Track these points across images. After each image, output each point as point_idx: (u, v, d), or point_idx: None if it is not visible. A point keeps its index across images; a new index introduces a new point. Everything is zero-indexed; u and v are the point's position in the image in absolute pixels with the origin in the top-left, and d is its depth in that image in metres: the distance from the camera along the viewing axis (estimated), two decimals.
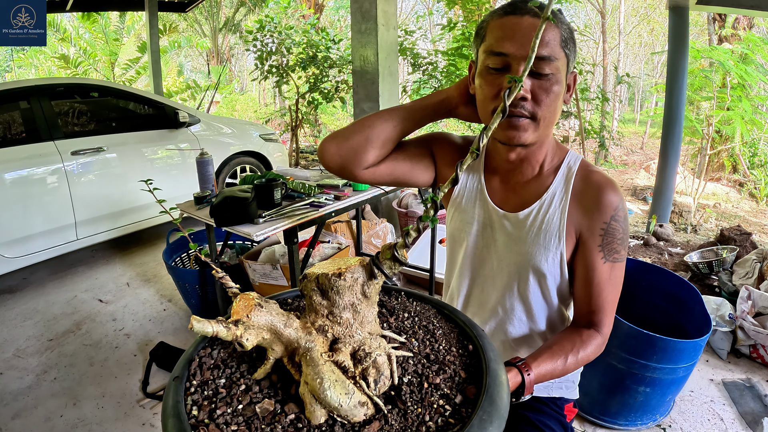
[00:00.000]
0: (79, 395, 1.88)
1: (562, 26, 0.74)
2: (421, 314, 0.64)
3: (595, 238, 0.81)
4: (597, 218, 0.81)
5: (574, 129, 6.75)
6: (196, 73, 14.68)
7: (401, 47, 5.06)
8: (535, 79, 0.73)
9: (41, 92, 2.77)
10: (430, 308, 0.66)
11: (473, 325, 0.60)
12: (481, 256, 0.93)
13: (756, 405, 1.78)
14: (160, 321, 2.45)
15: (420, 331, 0.60)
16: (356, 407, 0.46)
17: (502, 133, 0.77)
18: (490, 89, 0.75)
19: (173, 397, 0.48)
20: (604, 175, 0.84)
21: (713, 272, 2.73)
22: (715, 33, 5.85)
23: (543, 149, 0.86)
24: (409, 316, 0.63)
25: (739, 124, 4.15)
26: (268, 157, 4.03)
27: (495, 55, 0.74)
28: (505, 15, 0.74)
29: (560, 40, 0.73)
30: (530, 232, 0.85)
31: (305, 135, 9.05)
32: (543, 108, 0.74)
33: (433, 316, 0.64)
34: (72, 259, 3.24)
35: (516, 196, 0.88)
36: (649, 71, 15.04)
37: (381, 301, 0.67)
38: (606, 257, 0.81)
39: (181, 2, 6.20)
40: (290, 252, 1.80)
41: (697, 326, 1.69)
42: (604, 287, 0.82)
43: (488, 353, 0.53)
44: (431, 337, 0.59)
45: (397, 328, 0.60)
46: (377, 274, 0.50)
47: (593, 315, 0.82)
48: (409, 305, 0.66)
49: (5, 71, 10.76)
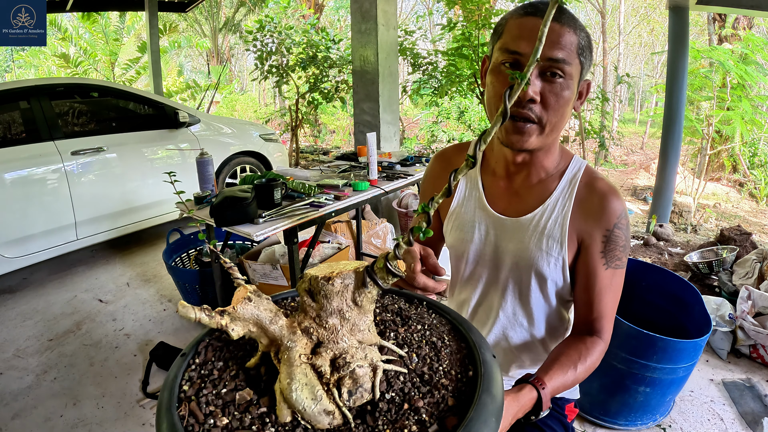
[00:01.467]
0: (79, 395, 1.88)
1: (581, 33, 0.74)
2: (434, 328, 0.61)
3: (598, 244, 0.81)
4: (600, 225, 0.81)
5: (574, 129, 6.75)
6: (196, 73, 14.67)
7: (401, 47, 5.06)
8: (545, 83, 0.72)
9: (41, 92, 2.77)
10: (447, 323, 0.63)
11: (483, 350, 0.55)
12: (483, 263, 0.92)
13: (756, 405, 1.78)
14: (160, 321, 2.45)
15: (426, 347, 0.57)
16: (321, 414, 0.45)
17: (506, 137, 0.76)
18: (502, 86, 0.75)
19: (174, 371, 0.52)
20: (608, 182, 0.84)
21: (713, 272, 2.73)
22: (715, 33, 5.85)
23: (551, 155, 0.85)
24: (421, 329, 0.60)
25: (739, 124, 4.15)
26: (268, 157, 4.03)
27: (510, 53, 0.73)
28: (525, 15, 0.74)
29: (577, 47, 0.73)
30: (533, 237, 0.84)
31: (305, 135, 9.05)
32: (551, 113, 0.73)
33: (446, 332, 0.60)
34: (72, 259, 3.24)
35: (519, 200, 0.88)
36: (649, 71, 15.05)
37: (399, 308, 0.65)
38: (608, 264, 0.81)
39: (181, 2, 6.21)
40: (290, 252, 1.80)
41: (697, 326, 1.69)
42: (605, 293, 0.82)
43: (487, 385, 0.48)
44: (435, 354, 0.55)
45: (403, 340, 0.58)
46: (369, 283, 0.49)
47: (595, 322, 0.82)
48: (426, 317, 0.63)
49: (5, 71, 10.76)
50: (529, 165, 0.86)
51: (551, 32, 0.71)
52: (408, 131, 8.28)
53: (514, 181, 0.88)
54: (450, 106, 7.49)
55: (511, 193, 0.89)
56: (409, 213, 3.36)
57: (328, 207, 1.84)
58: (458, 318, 0.64)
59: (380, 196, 2.11)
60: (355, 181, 2.08)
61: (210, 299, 2.31)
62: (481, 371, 0.51)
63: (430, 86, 5.34)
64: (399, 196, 3.59)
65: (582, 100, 0.81)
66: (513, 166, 0.87)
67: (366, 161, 2.27)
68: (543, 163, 0.85)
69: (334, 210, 1.86)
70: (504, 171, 0.89)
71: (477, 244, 0.91)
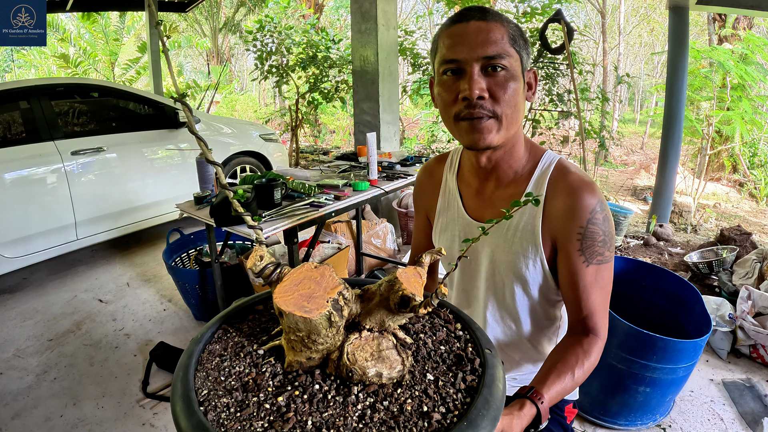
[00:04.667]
0: (79, 395, 1.88)
1: (509, 25, 0.75)
2: (448, 343, 0.60)
3: (573, 243, 0.79)
4: (572, 223, 0.79)
5: (574, 129, 6.75)
6: (196, 73, 14.66)
7: (401, 47, 5.06)
8: (489, 78, 0.73)
9: (41, 92, 2.77)
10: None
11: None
12: (466, 269, 0.94)
13: (756, 405, 1.78)
14: (160, 321, 2.45)
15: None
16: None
17: (468, 138, 0.77)
18: (448, 94, 0.76)
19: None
20: (579, 176, 0.81)
21: (713, 272, 2.73)
22: (715, 33, 5.85)
23: (515, 153, 0.85)
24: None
25: (739, 124, 4.15)
26: (268, 157, 4.03)
27: (448, 62, 0.75)
28: (452, 24, 0.76)
29: (509, 38, 0.74)
30: (506, 241, 0.85)
31: (305, 135, 9.05)
32: (503, 105, 0.74)
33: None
34: (72, 259, 3.24)
35: (492, 205, 0.88)
36: (649, 71, 15.04)
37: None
38: (588, 261, 0.79)
39: (181, 2, 6.20)
40: (290, 252, 1.80)
41: (697, 326, 1.69)
42: (591, 290, 0.80)
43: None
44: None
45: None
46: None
47: (587, 320, 0.80)
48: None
49: (5, 71, 10.75)
50: (496, 168, 0.86)
51: (480, 31, 0.73)
52: (408, 131, 8.27)
53: (486, 187, 0.89)
54: None
55: (485, 198, 0.89)
56: (409, 213, 3.36)
57: (328, 207, 1.84)
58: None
59: (380, 196, 2.11)
60: (355, 181, 2.08)
61: (210, 299, 2.31)
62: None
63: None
64: (399, 196, 3.59)
65: (533, 90, 0.81)
66: (481, 172, 0.87)
67: (366, 161, 2.27)
68: (510, 164, 0.85)
69: (334, 210, 1.86)
70: (475, 178, 0.90)
71: (459, 251, 0.92)
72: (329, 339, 0.51)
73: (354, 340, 0.53)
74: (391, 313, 0.54)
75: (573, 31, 2.91)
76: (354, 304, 0.55)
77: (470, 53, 0.73)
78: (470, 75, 0.73)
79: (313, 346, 0.51)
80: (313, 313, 0.49)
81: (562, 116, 5.31)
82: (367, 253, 2.92)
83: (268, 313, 0.65)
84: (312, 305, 0.49)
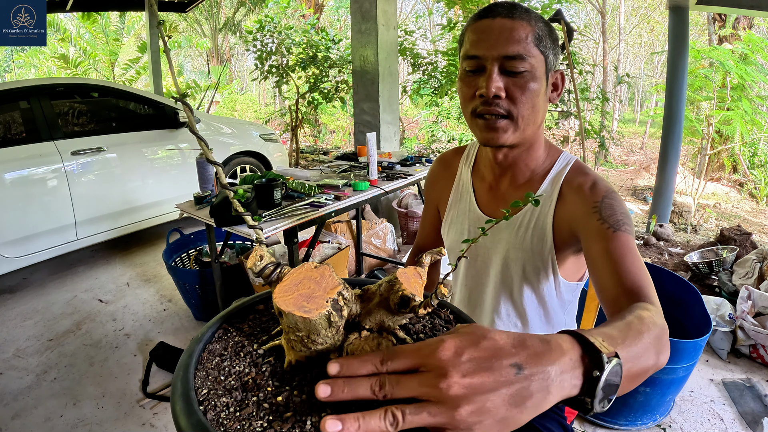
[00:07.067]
0: (79, 395, 1.89)
1: (536, 24, 0.74)
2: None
3: (592, 217, 0.73)
4: (587, 205, 0.76)
5: (574, 129, 6.76)
6: (196, 73, 14.66)
7: (401, 47, 5.06)
8: (508, 77, 0.73)
9: (41, 92, 2.77)
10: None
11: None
12: (475, 265, 0.94)
13: (756, 405, 1.78)
14: (160, 321, 2.45)
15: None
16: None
17: (482, 135, 0.78)
18: (468, 90, 0.77)
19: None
20: (595, 176, 0.80)
21: (713, 272, 2.73)
22: (715, 33, 5.85)
23: (533, 152, 0.84)
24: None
25: (739, 124, 4.15)
26: (268, 157, 4.04)
27: (470, 58, 0.75)
28: (479, 19, 0.75)
29: (533, 38, 0.73)
30: (518, 237, 0.85)
31: (305, 135, 9.05)
32: (519, 106, 0.74)
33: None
34: (72, 259, 3.24)
35: (506, 202, 0.88)
36: (649, 71, 15.05)
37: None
38: (614, 227, 0.70)
39: (181, 2, 6.20)
40: (290, 252, 1.80)
41: (697, 326, 1.69)
42: (627, 256, 0.67)
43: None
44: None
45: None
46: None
47: (637, 294, 0.62)
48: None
49: (5, 71, 10.75)
50: (513, 166, 0.86)
51: (504, 29, 0.72)
52: (408, 131, 8.27)
53: (501, 183, 0.89)
54: (450, 105, 7.49)
55: (499, 195, 0.89)
56: (409, 213, 3.36)
57: (328, 207, 1.84)
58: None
59: (380, 196, 2.11)
60: (355, 181, 2.08)
61: (210, 299, 2.31)
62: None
63: (430, 86, 5.35)
64: (399, 196, 3.59)
65: (559, 92, 0.80)
66: (497, 168, 0.87)
67: (366, 161, 2.27)
68: (526, 162, 0.85)
69: (334, 210, 1.86)
70: (490, 173, 0.90)
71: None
72: (329, 339, 0.51)
73: (354, 340, 0.53)
74: (391, 314, 0.54)
75: (573, 31, 2.91)
76: (354, 304, 0.55)
77: (491, 51, 0.72)
78: (489, 73, 0.72)
79: (313, 346, 0.51)
80: (313, 313, 0.49)
81: (562, 116, 5.32)
82: (367, 253, 2.92)
83: (269, 313, 0.66)
84: (312, 305, 0.49)
